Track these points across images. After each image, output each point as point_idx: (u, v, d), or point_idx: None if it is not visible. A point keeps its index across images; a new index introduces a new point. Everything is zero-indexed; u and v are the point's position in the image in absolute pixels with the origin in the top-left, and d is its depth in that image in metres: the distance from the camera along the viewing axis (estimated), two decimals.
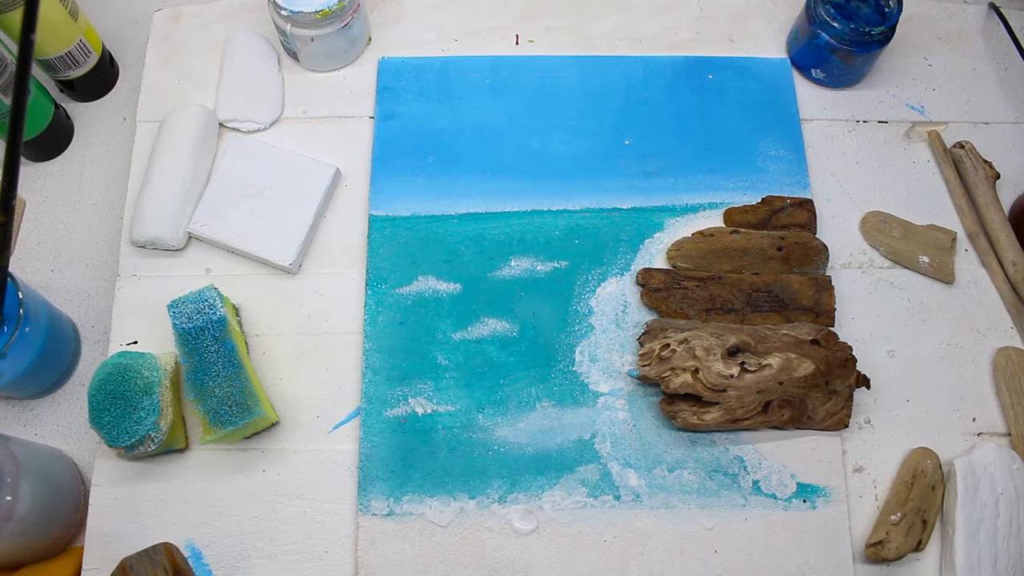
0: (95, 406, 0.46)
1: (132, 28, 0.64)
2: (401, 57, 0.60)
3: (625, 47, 0.62)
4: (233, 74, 0.59)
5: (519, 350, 0.52)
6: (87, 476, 0.51)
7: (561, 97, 0.59)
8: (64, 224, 0.58)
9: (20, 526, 0.43)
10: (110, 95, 0.63)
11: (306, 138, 0.58)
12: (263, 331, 0.53)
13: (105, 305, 0.55)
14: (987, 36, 0.64)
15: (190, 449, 0.50)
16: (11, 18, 0.52)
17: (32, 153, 0.59)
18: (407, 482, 0.49)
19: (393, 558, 0.47)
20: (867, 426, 0.52)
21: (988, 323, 0.55)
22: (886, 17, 0.56)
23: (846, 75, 0.60)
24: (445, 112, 0.58)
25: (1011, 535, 0.47)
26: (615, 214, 0.56)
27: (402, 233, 0.55)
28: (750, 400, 0.48)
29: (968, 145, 0.58)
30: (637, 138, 0.58)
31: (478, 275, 0.54)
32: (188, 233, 0.54)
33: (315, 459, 0.50)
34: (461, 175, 0.57)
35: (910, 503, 0.48)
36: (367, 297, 0.53)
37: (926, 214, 0.57)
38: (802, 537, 0.48)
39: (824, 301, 0.52)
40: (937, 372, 0.53)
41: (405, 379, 0.51)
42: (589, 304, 0.53)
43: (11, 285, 0.46)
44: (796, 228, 0.55)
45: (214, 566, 0.48)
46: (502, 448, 0.50)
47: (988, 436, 0.52)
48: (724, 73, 0.60)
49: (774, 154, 0.58)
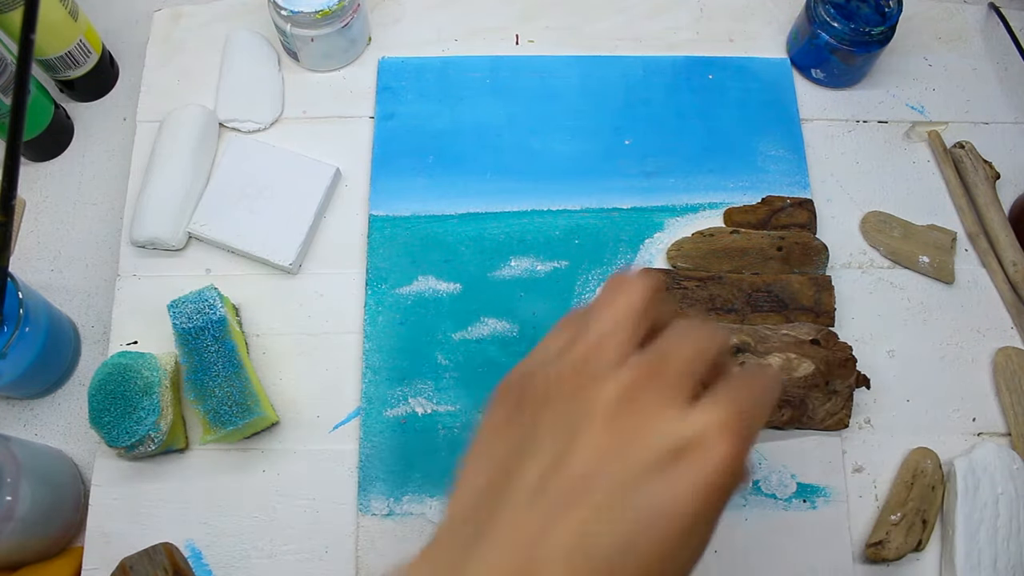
0: (95, 406, 0.46)
1: (132, 28, 0.64)
2: (401, 57, 0.60)
3: (625, 47, 0.62)
4: (233, 74, 0.59)
5: (519, 350, 0.52)
6: (87, 476, 0.51)
7: (561, 97, 0.59)
8: (64, 224, 0.58)
9: (20, 526, 0.43)
10: (110, 95, 0.63)
11: (306, 138, 0.58)
12: (263, 331, 0.53)
13: (105, 305, 0.55)
14: (987, 36, 0.64)
15: (190, 449, 0.50)
16: (11, 18, 0.52)
17: (32, 153, 0.59)
18: (407, 482, 0.49)
19: (393, 558, 0.47)
20: (867, 426, 0.52)
21: (988, 323, 0.55)
22: (886, 17, 0.56)
23: (846, 75, 0.60)
24: (445, 112, 0.58)
25: (1011, 535, 0.47)
26: (615, 214, 0.56)
27: (402, 233, 0.55)
28: None
29: (968, 145, 0.58)
30: (637, 138, 0.58)
31: (478, 275, 0.54)
32: (188, 233, 0.54)
33: (315, 459, 0.50)
34: (461, 175, 0.57)
35: (910, 503, 0.48)
36: (367, 297, 0.53)
37: (926, 214, 0.57)
38: (802, 537, 0.48)
39: (824, 301, 0.52)
40: (937, 372, 0.53)
41: (405, 379, 0.51)
42: (589, 304, 0.53)
43: (11, 285, 0.46)
44: (796, 228, 0.55)
45: (214, 566, 0.48)
46: None
47: (988, 436, 0.52)
48: (724, 73, 0.60)
49: (774, 154, 0.58)
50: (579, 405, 0.27)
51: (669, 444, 0.25)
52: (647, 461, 0.25)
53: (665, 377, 0.27)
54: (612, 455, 0.26)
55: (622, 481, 0.25)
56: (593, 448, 0.26)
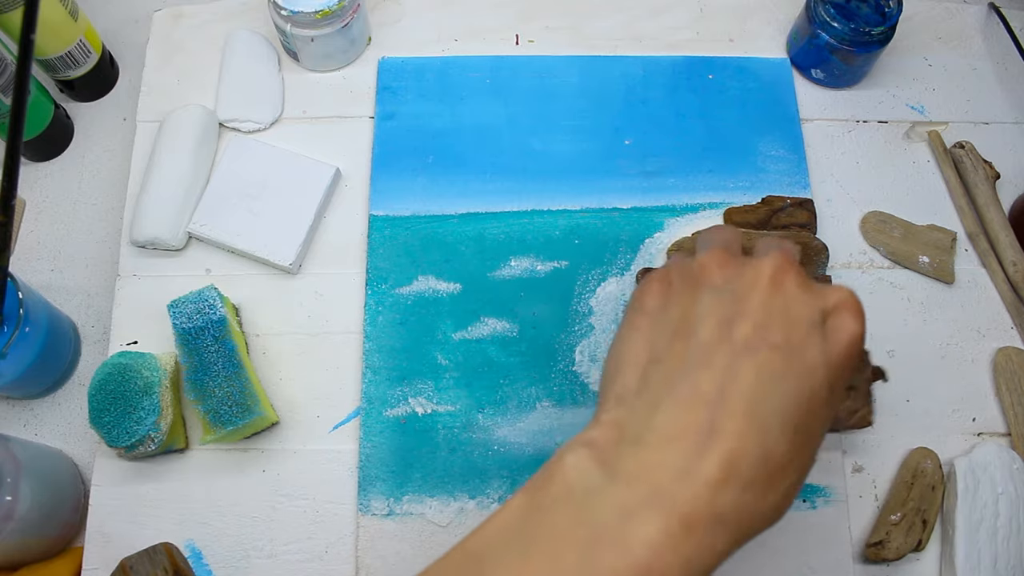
0: (95, 406, 0.46)
1: (132, 28, 0.64)
2: (401, 57, 0.60)
3: (625, 47, 0.62)
4: (233, 74, 0.59)
5: (519, 350, 0.52)
6: (87, 476, 0.51)
7: (561, 97, 0.59)
8: (64, 224, 0.58)
9: (20, 526, 0.43)
10: (110, 95, 0.63)
11: (306, 138, 0.58)
12: (263, 331, 0.53)
13: (105, 305, 0.55)
14: (987, 36, 0.64)
15: (190, 449, 0.50)
16: (11, 18, 0.52)
17: (32, 153, 0.59)
18: (407, 482, 0.49)
19: (393, 558, 0.47)
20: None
21: (988, 323, 0.55)
22: (886, 17, 0.56)
23: (846, 75, 0.60)
24: (445, 112, 0.58)
25: (1011, 535, 0.47)
26: (615, 214, 0.56)
27: (402, 233, 0.55)
28: None
29: (968, 145, 0.58)
30: (637, 138, 0.58)
31: (478, 275, 0.54)
32: (188, 233, 0.54)
33: (315, 459, 0.50)
34: (461, 175, 0.57)
35: (910, 503, 0.48)
36: (367, 297, 0.53)
37: (926, 214, 0.57)
38: (802, 537, 0.48)
39: None
40: (937, 372, 0.53)
41: (405, 379, 0.51)
42: (589, 304, 0.53)
43: (11, 285, 0.46)
44: (796, 228, 0.55)
45: (214, 566, 0.48)
46: (502, 448, 0.50)
47: (988, 436, 0.52)
48: (724, 73, 0.60)
49: (774, 154, 0.58)
50: (739, 282, 0.31)
51: (817, 311, 0.30)
52: (808, 320, 0.30)
53: (795, 264, 0.32)
54: (778, 315, 0.30)
55: (789, 336, 0.29)
56: (762, 309, 0.30)
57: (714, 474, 0.27)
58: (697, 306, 0.31)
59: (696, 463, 0.27)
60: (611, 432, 0.30)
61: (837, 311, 0.31)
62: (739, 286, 0.31)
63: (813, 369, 0.29)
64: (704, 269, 0.33)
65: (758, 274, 0.31)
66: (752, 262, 0.32)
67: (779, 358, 0.29)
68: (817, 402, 0.29)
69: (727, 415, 0.28)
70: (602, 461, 0.28)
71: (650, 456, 0.28)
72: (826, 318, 0.31)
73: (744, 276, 0.31)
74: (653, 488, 0.27)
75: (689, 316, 0.31)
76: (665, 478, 0.27)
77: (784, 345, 0.29)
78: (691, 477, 0.27)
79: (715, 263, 0.33)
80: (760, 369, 0.28)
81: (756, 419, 0.28)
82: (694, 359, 0.30)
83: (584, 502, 0.27)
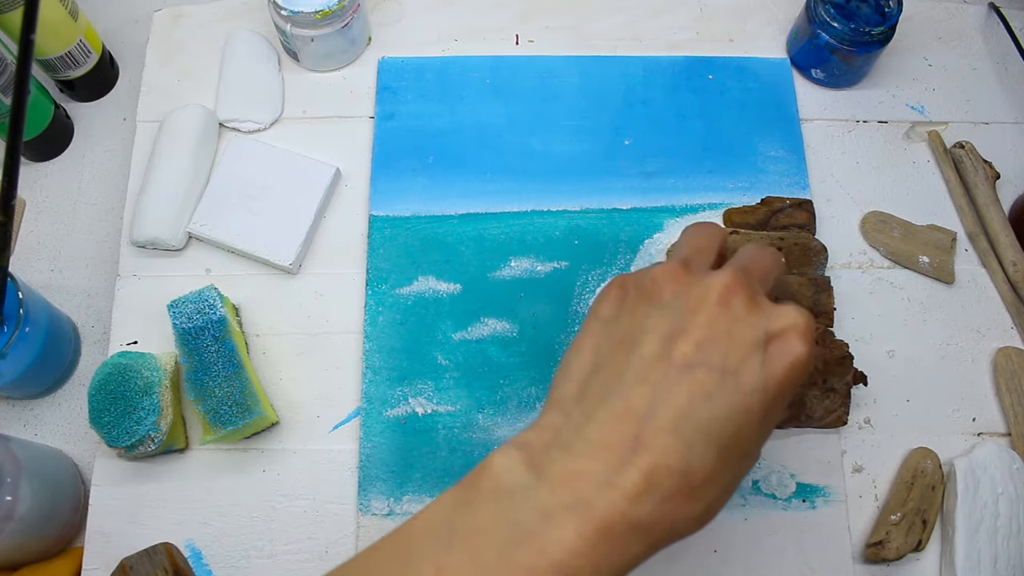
0: (95, 406, 0.46)
1: (132, 28, 0.64)
2: (401, 57, 0.60)
3: (625, 47, 0.62)
4: (233, 74, 0.59)
5: (519, 350, 0.52)
6: (87, 476, 0.51)
7: (561, 97, 0.59)
8: (64, 224, 0.58)
9: (20, 526, 0.43)
10: (110, 95, 0.63)
11: (306, 138, 0.58)
12: (263, 331, 0.53)
13: (105, 305, 0.55)
14: (987, 36, 0.64)
15: (190, 449, 0.50)
16: (11, 18, 0.52)
17: (32, 153, 0.59)
18: (407, 482, 0.49)
19: None
20: (867, 426, 0.52)
21: (988, 323, 0.55)
22: (886, 17, 0.56)
23: (846, 75, 0.60)
24: (445, 112, 0.59)
25: (1011, 535, 0.47)
26: (615, 214, 0.56)
27: (402, 233, 0.55)
28: None
29: (968, 145, 0.58)
30: (637, 138, 0.58)
31: (478, 275, 0.54)
32: (188, 233, 0.54)
33: (315, 459, 0.50)
34: (461, 175, 0.57)
35: (910, 503, 0.48)
36: (367, 297, 0.53)
37: (926, 214, 0.57)
38: (802, 537, 0.48)
39: (823, 302, 0.52)
40: (937, 372, 0.53)
41: (405, 379, 0.51)
42: (589, 305, 0.53)
43: (11, 285, 0.46)
44: (796, 229, 0.55)
45: (214, 566, 0.48)
46: None
47: (988, 436, 0.52)
48: (724, 73, 0.60)
49: (774, 154, 0.58)
50: (686, 299, 0.32)
51: (761, 334, 0.31)
52: (750, 342, 0.30)
53: (751, 283, 0.32)
54: (721, 335, 0.30)
55: (727, 357, 0.30)
56: (705, 328, 0.31)
57: (634, 486, 0.28)
58: (645, 319, 0.32)
59: (618, 474, 0.28)
60: (545, 436, 0.31)
61: (784, 334, 0.31)
62: (687, 303, 0.32)
63: (748, 392, 0.30)
64: (655, 283, 0.33)
65: (707, 292, 0.31)
66: (704, 279, 0.32)
67: (713, 379, 0.29)
68: (749, 423, 0.30)
69: (653, 431, 0.29)
70: (532, 464, 0.30)
71: (577, 463, 0.29)
72: (772, 340, 0.31)
73: (693, 293, 0.32)
74: (575, 494, 0.28)
75: (635, 329, 0.32)
76: (587, 486, 0.28)
77: (720, 366, 0.30)
78: (611, 487, 0.28)
79: (668, 277, 0.33)
80: (692, 388, 0.29)
81: (682, 436, 0.28)
82: (632, 373, 0.30)
83: (509, 501, 0.29)
